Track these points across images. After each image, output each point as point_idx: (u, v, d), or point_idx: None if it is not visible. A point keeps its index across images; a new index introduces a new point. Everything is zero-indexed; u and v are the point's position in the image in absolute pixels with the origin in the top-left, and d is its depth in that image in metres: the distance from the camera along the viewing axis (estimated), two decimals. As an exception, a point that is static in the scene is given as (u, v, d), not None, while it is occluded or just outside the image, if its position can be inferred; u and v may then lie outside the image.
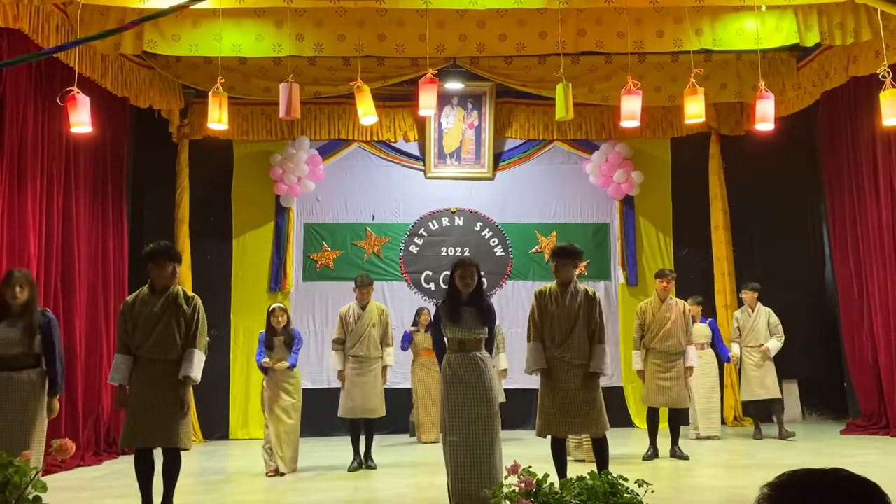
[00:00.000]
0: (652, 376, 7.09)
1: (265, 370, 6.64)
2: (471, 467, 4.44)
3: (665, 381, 7.02)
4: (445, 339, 4.74)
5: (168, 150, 9.39)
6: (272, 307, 6.82)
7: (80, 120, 6.22)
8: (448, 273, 5.08)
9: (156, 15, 5.73)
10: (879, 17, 6.59)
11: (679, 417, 7.14)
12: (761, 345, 8.31)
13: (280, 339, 6.65)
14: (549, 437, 5.13)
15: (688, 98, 6.69)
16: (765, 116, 6.68)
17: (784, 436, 8.05)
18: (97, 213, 8.16)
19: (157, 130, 9.33)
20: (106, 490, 5.98)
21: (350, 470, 6.59)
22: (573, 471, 4.49)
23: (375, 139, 9.90)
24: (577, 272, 5.31)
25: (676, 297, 7.48)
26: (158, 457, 4.69)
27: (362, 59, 7.63)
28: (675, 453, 6.94)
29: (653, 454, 6.94)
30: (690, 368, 7.20)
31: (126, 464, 7.42)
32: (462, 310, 4.68)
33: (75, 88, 6.19)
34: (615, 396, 9.32)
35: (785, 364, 8.75)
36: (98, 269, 8.08)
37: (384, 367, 6.96)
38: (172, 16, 6.44)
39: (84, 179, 7.88)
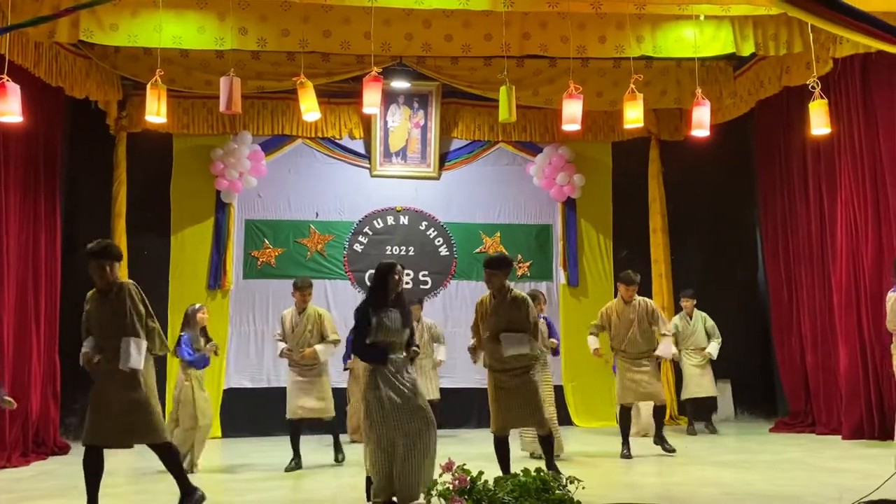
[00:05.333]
0: (623, 374, 7.17)
1: (206, 361, 6.65)
2: (417, 465, 4.44)
3: (637, 374, 7.08)
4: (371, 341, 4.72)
5: (105, 143, 9.15)
6: (201, 306, 6.82)
7: (10, 109, 5.98)
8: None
9: (92, 3, 5.56)
10: (810, 30, 6.84)
11: (662, 411, 7.24)
12: (703, 348, 8.81)
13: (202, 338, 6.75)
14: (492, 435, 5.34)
15: (627, 103, 6.81)
16: (701, 123, 6.86)
17: (712, 430, 8.74)
18: (28, 207, 7.88)
19: (93, 122, 9.08)
20: (30, 492, 5.78)
21: (287, 470, 6.52)
22: (533, 465, 4.53)
23: (320, 136, 9.83)
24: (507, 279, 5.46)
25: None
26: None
27: (307, 55, 7.56)
28: (663, 445, 7.04)
29: (628, 453, 6.91)
30: (659, 356, 7.28)
31: (55, 464, 7.22)
32: (390, 311, 4.73)
33: (5, 76, 5.96)
34: (555, 395, 9.40)
35: (719, 365, 9.01)
36: (28, 264, 7.80)
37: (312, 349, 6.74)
38: (110, 4, 6.30)
39: (14, 171, 7.60)
